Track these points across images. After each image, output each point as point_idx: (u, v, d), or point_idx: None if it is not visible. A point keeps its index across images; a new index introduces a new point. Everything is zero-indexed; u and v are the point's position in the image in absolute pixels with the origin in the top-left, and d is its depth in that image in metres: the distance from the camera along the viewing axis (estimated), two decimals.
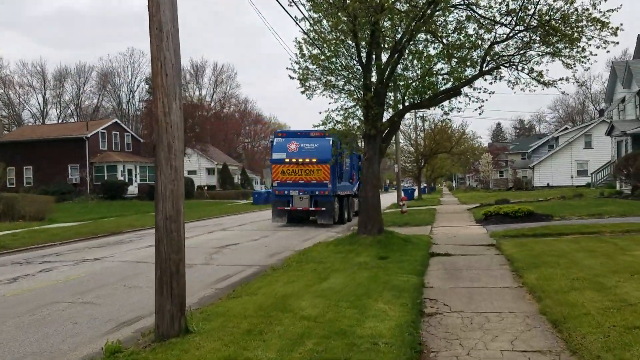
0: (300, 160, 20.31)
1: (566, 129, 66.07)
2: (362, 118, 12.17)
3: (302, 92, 11.98)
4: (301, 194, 20.46)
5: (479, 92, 13.53)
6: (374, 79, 12.05)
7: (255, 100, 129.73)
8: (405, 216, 22.31)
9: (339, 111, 12.29)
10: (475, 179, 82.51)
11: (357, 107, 12.03)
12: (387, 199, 40.01)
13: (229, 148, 73.01)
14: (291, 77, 12.09)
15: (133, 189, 42.75)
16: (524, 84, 13.76)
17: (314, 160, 19.87)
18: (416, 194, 44.21)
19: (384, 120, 12.16)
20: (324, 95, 12.21)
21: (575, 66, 13.15)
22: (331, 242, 12.52)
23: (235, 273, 10.83)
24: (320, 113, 11.88)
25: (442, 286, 8.26)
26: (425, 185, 74.43)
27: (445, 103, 13.78)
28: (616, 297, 6.37)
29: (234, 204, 39.54)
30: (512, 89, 13.97)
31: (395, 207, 28.97)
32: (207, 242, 16.22)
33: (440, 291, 7.88)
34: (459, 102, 13.91)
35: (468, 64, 11.34)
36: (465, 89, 13.64)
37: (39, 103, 78.11)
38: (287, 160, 20.66)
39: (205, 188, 50.80)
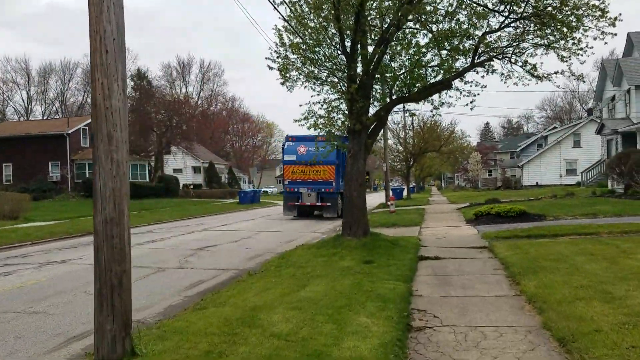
0: (309, 161, 22.00)
1: (555, 128, 65.88)
2: (346, 112, 11.35)
3: (282, 84, 11.13)
4: (309, 191, 23.43)
5: (471, 86, 12.84)
6: (359, 70, 11.24)
7: (242, 98, 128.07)
8: (393, 216, 21.57)
9: (322, 105, 11.48)
10: (464, 178, 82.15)
11: (341, 100, 11.22)
12: (376, 199, 39.30)
13: (216, 146, 71.91)
14: (270, 68, 11.25)
15: None
16: (517, 77, 13.08)
17: (321, 161, 20.60)
18: (405, 193, 43.52)
19: (369, 114, 11.36)
20: (305, 87, 11.39)
21: (570, 59, 12.48)
22: (313, 245, 11.70)
23: (209, 278, 9.99)
24: (300, 106, 11.10)
25: (432, 294, 7.47)
26: (414, 184, 73.98)
27: (435, 97, 13.03)
28: (630, 309, 5.62)
29: (219, 204, 38.58)
30: (505, 82, 13.30)
31: (384, 207, 28.24)
32: (185, 244, 15.34)
33: (430, 300, 7.09)
34: (450, 96, 13.24)
35: (460, 52, 10.55)
36: (456, 82, 12.92)
37: (23, 100, 76.57)
38: (297, 161, 23.48)
39: (191, 187, 49.73)
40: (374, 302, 6.54)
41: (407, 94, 11.61)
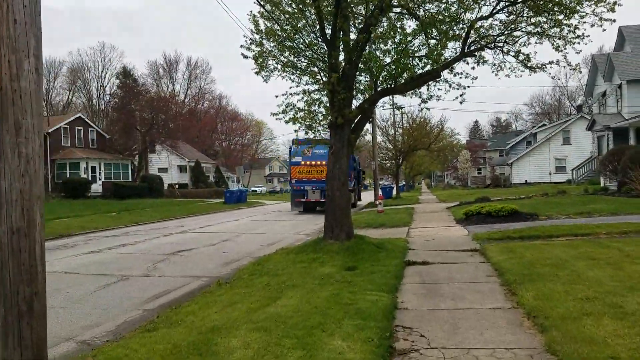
0: (313, 162, 25.95)
1: (544, 125, 65.52)
2: (327, 105, 10.48)
3: (257, 73, 10.23)
4: (314, 188, 26.64)
5: (460, 78, 12.05)
6: (341, 59, 10.38)
7: (230, 96, 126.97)
8: (381, 216, 20.76)
9: (301, 96, 10.60)
10: (454, 176, 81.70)
11: (322, 92, 10.37)
12: (365, 197, 38.51)
13: (204, 145, 70.75)
14: (245, 57, 10.35)
15: (97, 187, 40.44)
16: (509, 69, 12.33)
17: (324, 162, 22.27)
18: (394, 192, 42.77)
19: (353, 107, 10.50)
20: (283, 78, 10.50)
21: (565, 49, 11.73)
22: (293, 249, 10.82)
23: (176, 287, 9.10)
24: (276, 97, 10.21)
25: (419, 307, 6.63)
26: (404, 183, 73.39)
27: (424, 90, 12.24)
28: None
29: (205, 203, 37.57)
30: (496, 74, 12.55)
31: (373, 207, 27.45)
32: (157, 248, 14.40)
33: (417, 315, 6.25)
34: (439, 89, 12.39)
35: (449, 37, 9.72)
36: (445, 74, 12.13)
37: None
38: (302, 162, 26.42)
39: (176, 186, 48.64)
40: (352, 320, 5.69)
41: (393, 85, 10.77)
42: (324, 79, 10.16)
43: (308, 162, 26.02)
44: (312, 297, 6.87)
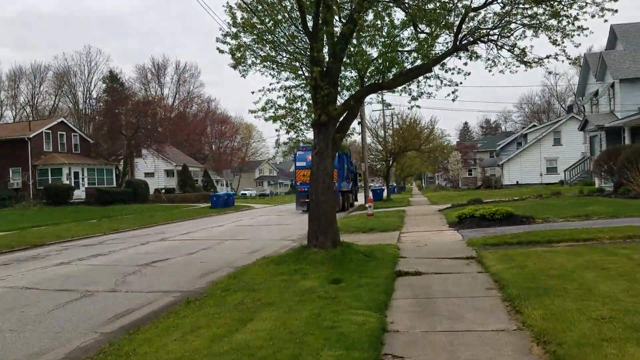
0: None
1: (534, 126, 65.21)
2: (310, 102, 9.62)
3: (234, 67, 9.34)
4: None
5: (452, 74, 11.24)
6: (325, 53, 9.53)
7: (219, 99, 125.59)
8: (371, 220, 19.93)
9: (283, 93, 9.75)
10: (445, 177, 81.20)
11: (306, 88, 9.52)
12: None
13: (192, 149, 69.61)
14: (220, 51, 9.47)
15: (80, 194, 39.29)
16: (503, 64, 11.55)
17: None
18: (385, 194, 41.95)
19: (338, 104, 9.66)
20: (263, 73, 9.63)
21: (563, 42, 10.97)
22: (274, 259, 9.92)
23: (142, 305, 8.18)
24: (253, 93, 9.33)
25: (412, 328, 5.78)
26: (395, 184, 72.76)
27: (414, 87, 11.42)
28: None
29: (191, 208, 36.56)
30: (490, 70, 11.77)
31: (363, 209, 26.63)
32: (132, 258, 13.45)
33: (409, 340, 5.40)
34: (429, 85, 11.58)
35: (440, 27, 8.90)
36: (437, 70, 11.32)
37: None
38: (306, 166, 27.44)
39: (163, 191, 47.53)
40: (333, 350, 4.82)
41: (381, 81, 9.93)
42: (307, 74, 9.31)
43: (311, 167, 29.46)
44: (289, 318, 5.99)
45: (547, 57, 11.16)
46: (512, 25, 11.23)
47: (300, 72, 9.42)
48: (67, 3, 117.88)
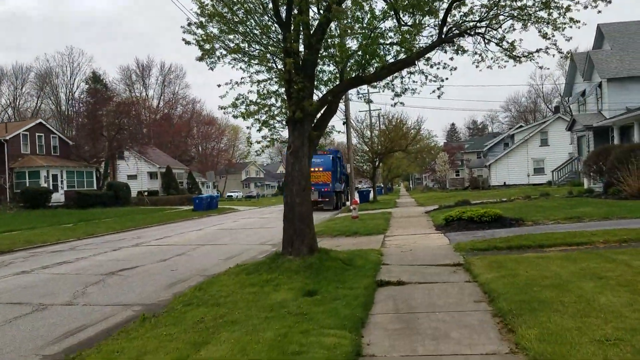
0: (312, 169, 30.43)
1: (521, 126, 64.98)
2: (285, 97, 8.87)
3: (200, 59, 8.56)
4: (313, 190, 29.49)
5: (438, 69, 10.57)
6: (301, 45, 8.79)
7: (204, 101, 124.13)
8: (355, 223, 19.20)
9: (255, 87, 8.98)
10: (432, 178, 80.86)
11: (275, 80, 8.76)
12: None
13: (177, 150, 68.43)
14: (187, 42, 8.69)
15: (59, 197, 38.12)
16: (491, 59, 10.87)
17: (321, 169, 31.04)
18: (371, 195, 41.30)
19: (315, 99, 8.91)
20: (233, 66, 8.86)
21: (554, 35, 10.34)
22: (246, 268, 9.12)
23: (96, 321, 7.39)
24: (219, 86, 8.55)
25: (391, 352, 5.06)
26: (382, 185, 72.26)
27: (397, 82, 10.73)
28: None
29: (173, 211, 35.57)
30: (477, 66, 11.09)
31: (348, 212, 25.90)
32: (99, 266, 12.60)
33: None
34: (414, 81, 10.92)
35: (425, 10, 8.20)
36: (421, 65, 10.64)
37: None
38: None
39: (145, 193, 46.44)
40: None
41: (361, 75, 9.21)
42: (281, 67, 8.56)
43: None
44: (250, 341, 5.23)
45: (537, 50, 10.53)
46: (500, 18, 10.61)
47: (272, 65, 8.65)
48: (51, 5, 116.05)
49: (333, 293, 7.31)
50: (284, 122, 9.08)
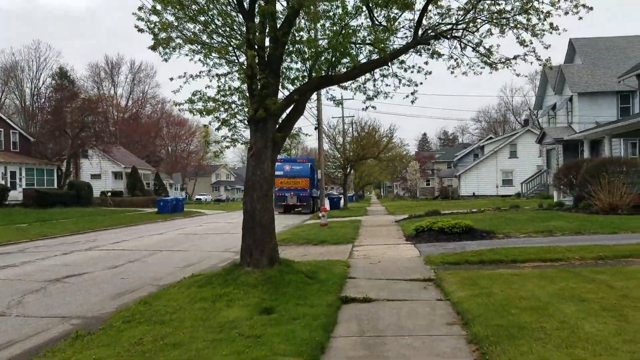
0: (291, 175, 34.88)
1: (491, 138, 65.64)
2: (247, 94, 8.12)
3: (153, 49, 7.75)
4: (292, 195, 35.13)
5: (412, 72, 10.03)
6: (267, 41, 8.07)
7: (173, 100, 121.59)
8: (324, 231, 18.52)
9: (217, 82, 8.21)
10: (403, 187, 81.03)
11: (237, 75, 8.02)
12: None
13: (145, 151, 66.61)
14: (139, 30, 7.87)
15: (17, 195, 36.31)
16: (467, 64, 10.40)
17: (300, 175, 34.76)
18: (342, 202, 40.71)
19: (279, 98, 8.19)
20: (191, 58, 8.06)
21: (531, 42, 9.92)
22: (199, 280, 8.29)
23: (27, 336, 6.57)
24: (172, 80, 7.76)
25: None
26: (353, 193, 71.93)
27: (370, 85, 10.13)
28: None
29: (136, 213, 34.26)
30: (452, 72, 10.57)
31: (317, 218, 25.19)
32: (44, 271, 11.57)
33: None
34: (387, 84, 10.32)
35: (400, 3, 7.59)
36: (395, 68, 10.08)
37: None
38: (283, 175, 34.14)
39: (109, 194, 44.78)
40: None
41: (331, 73, 8.55)
42: (243, 62, 7.81)
43: (288, 175, 34.85)
44: None
45: (515, 57, 10.09)
46: (478, 21, 10.13)
47: (233, 58, 7.89)
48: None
49: (292, 311, 6.58)
50: (246, 122, 8.33)
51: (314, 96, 33.48)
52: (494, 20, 9.93)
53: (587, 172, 17.93)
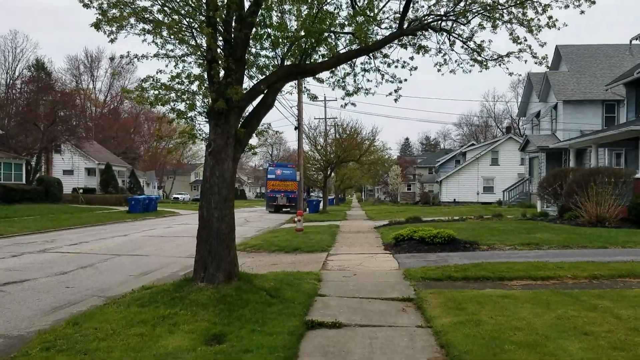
0: (282, 179, 38.67)
1: (473, 144, 65.29)
2: (207, 83, 7.02)
3: (96, 27, 6.60)
4: (282, 196, 38.62)
5: (396, 67, 9.11)
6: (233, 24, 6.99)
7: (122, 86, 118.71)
8: (299, 236, 17.47)
9: (174, 66, 7.11)
10: (384, 191, 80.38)
11: (193, 56, 6.93)
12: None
13: (122, 147, 64.67)
14: (85, 5, 6.72)
15: None
16: (455, 62, 9.53)
17: (290, 179, 37.27)
18: (321, 205, 39.67)
19: (246, 89, 7.12)
20: (144, 39, 6.93)
21: (526, 40, 9.03)
22: (140, 298, 7.11)
23: None
24: (112, 60, 6.73)
25: None
26: (333, 196, 71.08)
27: (350, 80, 9.15)
28: None
29: (105, 212, 32.73)
30: (439, 70, 9.72)
31: (293, 222, 24.07)
32: None
33: None
34: (368, 80, 9.36)
35: None
36: (378, 63, 9.13)
37: None
38: (275, 178, 39.15)
39: (80, 191, 43.05)
40: None
41: (307, 62, 7.50)
42: (201, 41, 6.71)
43: (279, 179, 38.83)
44: None
45: (508, 54, 9.19)
46: (469, 15, 9.21)
47: (189, 38, 6.77)
48: None
49: (246, 340, 5.51)
50: (204, 114, 7.23)
51: (295, 95, 32.41)
52: (487, 13, 9.04)
53: (574, 181, 17.17)
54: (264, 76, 7.75)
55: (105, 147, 56.29)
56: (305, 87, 9.70)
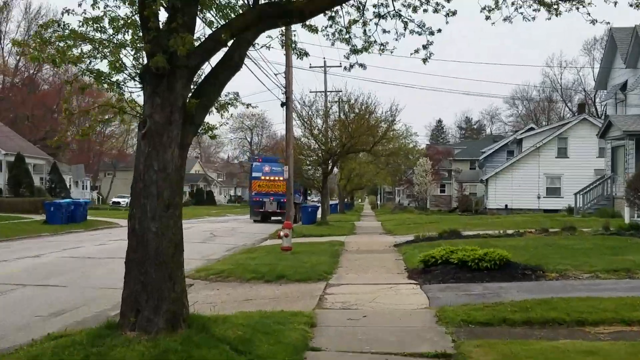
0: (271, 178, 40.75)
1: (532, 129, 65.15)
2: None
3: None
4: (272, 200, 40.93)
5: (425, 11, 8.83)
6: None
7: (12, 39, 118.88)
8: (285, 258, 17.13)
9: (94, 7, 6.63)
10: (408, 194, 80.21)
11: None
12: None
13: (39, 132, 64.41)
14: None
15: None
16: (512, 4, 9.43)
17: (280, 178, 37.17)
18: (319, 214, 39.27)
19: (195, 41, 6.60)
20: None
21: None
22: (42, 352, 6.58)
23: None
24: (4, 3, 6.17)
25: None
26: (337, 200, 70.85)
27: (358, 32, 8.87)
28: None
29: (14, 222, 32.33)
30: (488, 17, 9.89)
31: (278, 238, 23.64)
32: None
33: None
34: (384, 31, 9.16)
35: None
36: (399, 5, 8.84)
37: None
38: (262, 177, 41.53)
39: None
40: None
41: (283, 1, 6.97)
42: None
43: (268, 178, 40.96)
44: None
45: None
46: None
47: None
48: None
49: None
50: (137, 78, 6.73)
51: (279, 53, 31.89)
52: None
53: None
54: (227, 21, 7.25)
55: (16, 132, 56.00)
56: (293, 41, 9.30)
